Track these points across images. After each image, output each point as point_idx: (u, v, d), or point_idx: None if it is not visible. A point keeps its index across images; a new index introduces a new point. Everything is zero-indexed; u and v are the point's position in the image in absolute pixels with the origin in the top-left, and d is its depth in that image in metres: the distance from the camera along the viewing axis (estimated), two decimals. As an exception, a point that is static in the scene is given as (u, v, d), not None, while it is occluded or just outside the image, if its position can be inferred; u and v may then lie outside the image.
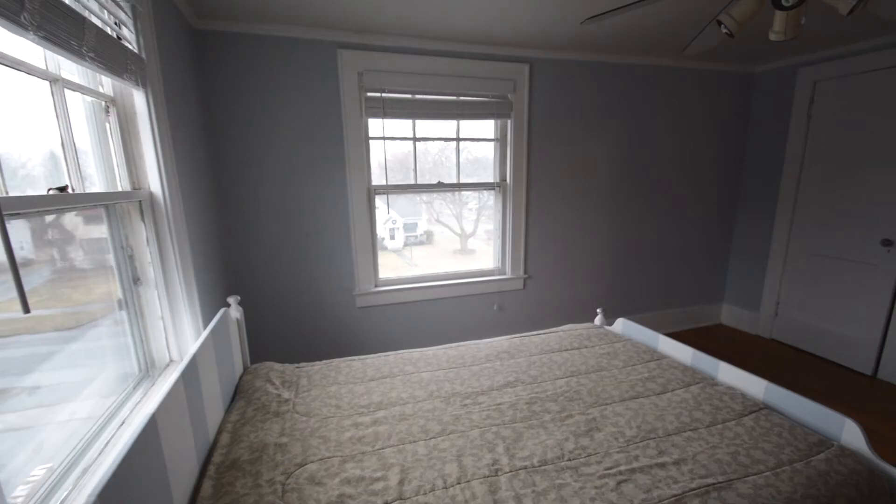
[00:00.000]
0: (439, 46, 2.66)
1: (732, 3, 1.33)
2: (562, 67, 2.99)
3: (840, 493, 1.18)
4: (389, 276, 3.00)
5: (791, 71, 3.25)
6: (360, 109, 2.57)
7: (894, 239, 2.75)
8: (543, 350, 2.13)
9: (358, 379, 1.84)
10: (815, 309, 3.25)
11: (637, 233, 3.55)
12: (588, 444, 1.36)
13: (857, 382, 2.89)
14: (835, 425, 1.43)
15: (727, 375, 1.80)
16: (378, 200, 2.82)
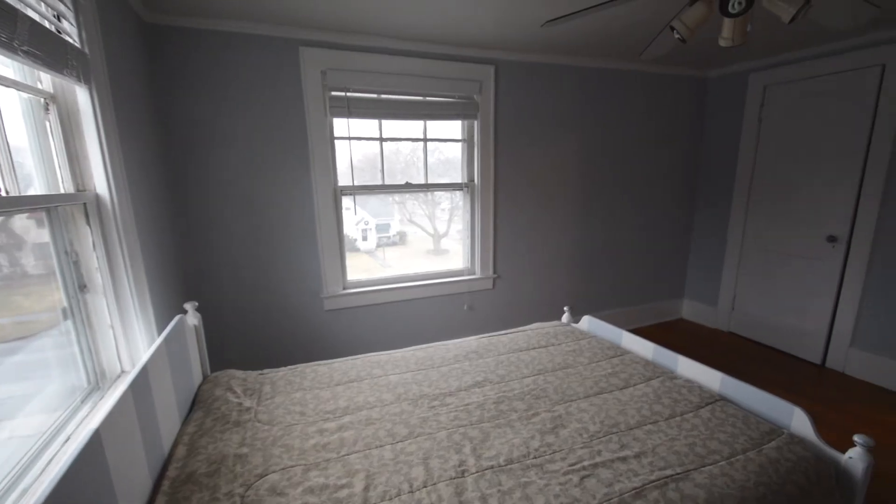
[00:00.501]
0: (405, 46, 2.64)
1: (684, 10, 1.38)
2: (526, 69, 3.03)
3: (790, 479, 1.24)
4: (360, 277, 2.96)
5: (743, 76, 3.41)
6: (324, 109, 2.52)
7: (838, 235, 2.93)
8: (511, 349, 2.14)
9: (324, 384, 1.80)
10: (769, 303, 3.42)
11: (603, 231, 3.64)
12: (553, 442, 1.38)
13: (807, 371, 3.05)
14: (785, 414, 1.50)
15: (686, 369, 1.87)
16: (348, 201, 2.77)
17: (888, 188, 2.67)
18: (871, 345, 2.85)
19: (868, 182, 2.75)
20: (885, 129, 2.63)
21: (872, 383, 2.84)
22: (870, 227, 2.76)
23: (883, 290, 2.76)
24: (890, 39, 2.57)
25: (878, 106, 2.66)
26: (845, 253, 2.90)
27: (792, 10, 1.21)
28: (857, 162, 2.79)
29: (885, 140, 2.64)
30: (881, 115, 2.65)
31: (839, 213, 2.91)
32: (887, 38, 2.58)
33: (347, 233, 3.16)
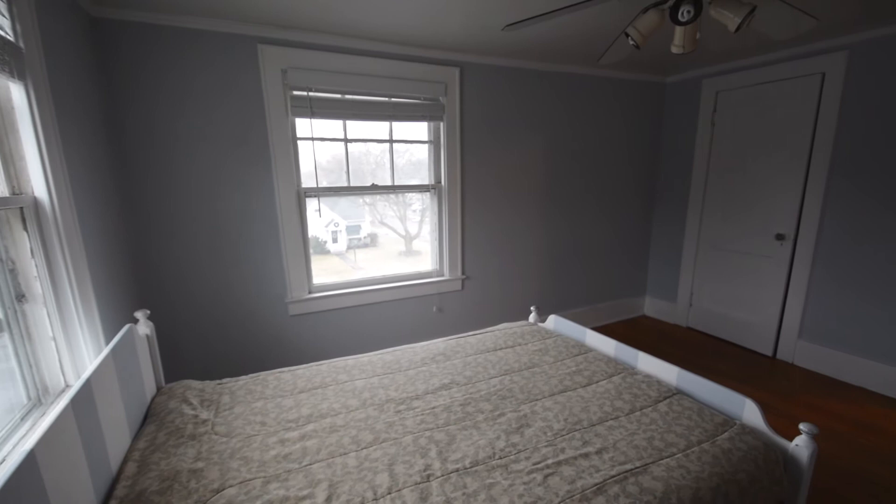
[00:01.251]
0: (369, 46, 2.61)
1: (638, 18, 1.42)
2: (492, 72, 3.06)
3: (741, 468, 1.29)
4: (326, 281, 2.90)
5: (697, 81, 3.56)
6: (285, 108, 2.46)
7: (786, 234, 3.10)
8: (479, 350, 2.15)
9: (287, 392, 1.75)
10: (723, 298, 3.58)
11: (568, 232, 3.71)
12: (518, 441, 1.39)
13: (760, 363, 3.21)
14: (737, 405, 1.57)
15: (645, 364, 1.92)
16: (316, 203, 2.71)
17: (829, 189, 2.85)
18: (816, 337, 3.03)
19: (811, 183, 2.92)
20: (825, 133, 2.81)
21: (819, 373, 3.02)
22: (813, 225, 2.94)
23: (825, 285, 2.94)
24: (828, 49, 2.75)
25: (819, 112, 2.84)
26: (792, 250, 3.08)
27: (737, 19, 1.27)
28: (801, 164, 2.96)
29: (826, 144, 2.81)
30: (822, 120, 2.82)
31: (786, 213, 3.08)
32: (826, 48, 2.76)
33: (317, 235, 3.10)
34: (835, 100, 2.74)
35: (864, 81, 2.63)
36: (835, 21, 2.41)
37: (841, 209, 2.81)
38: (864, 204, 2.70)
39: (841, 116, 2.74)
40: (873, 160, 2.64)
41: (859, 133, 2.68)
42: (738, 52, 3.03)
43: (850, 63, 2.67)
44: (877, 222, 2.66)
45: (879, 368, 2.71)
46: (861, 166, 2.69)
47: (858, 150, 2.70)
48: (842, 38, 2.68)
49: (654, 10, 1.37)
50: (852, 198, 2.75)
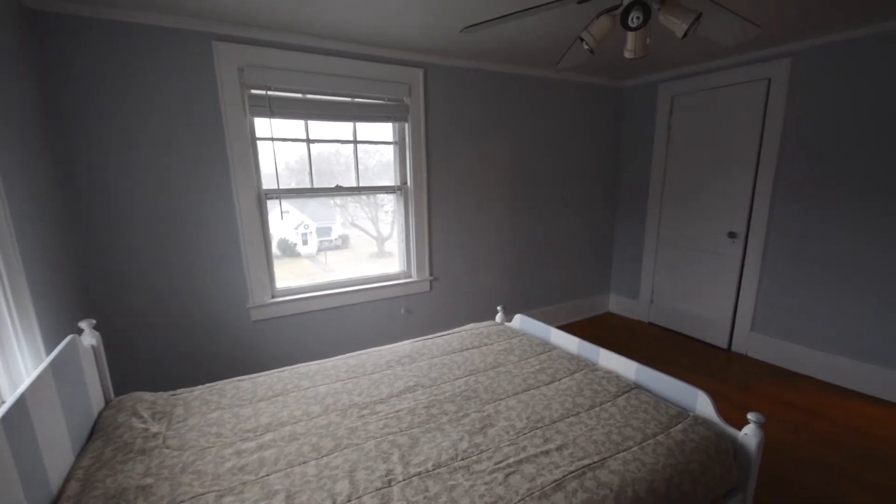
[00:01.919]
0: (329, 45, 2.57)
1: (591, 23, 1.46)
2: (456, 74, 3.07)
3: (694, 458, 1.34)
4: (291, 284, 2.83)
5: (653, 86, 3.69)
6: (243, 108, 2.39)
7: (737, 231, 3.25)
8: (445, 351, 2.15)
9: (245, 400, 1.70)
10: (682, 294, 3.73)
11: (535, 232, 3.77)
12: (481, 441, 1.40)
13: (716, 356, 3.35)
14: (691, 397, 1.63)
15: (606, 360, 1.97)
16: (279, 204, 2.64)
17: (776, 189, 3.01)
18: (767, 329, 3.19)
19: (760, 183, 3.08)
20: (772, 136, 2.97)
21: (770, 363, 3.18)
22: (762, 223, 3.10)
23: (774, 280, 3.10)
24: (773, 56, 2.90)
25: (766, 115, 2.99)
26: (743, 247, 3.23)
27: (684, 25, 1.32)
28: (750, 165, 3.11)
29: (773, 146, 2.97)
30: (768, 123, 2.98)
31: (737, 212, 3.23)
32: (771, 55, 2.91)
33: (286, 237, 3.02)
34: (780, 104, 2.90)
35: (805, 87, 2.79)
36: (779, 29, 2.55)
37: (787, 208, 2.97)
38: (808, 203, 2.87)
39: (786, 120, 2.90)
40: (815, 161, 2.81)
41: (802, 135, 2.84)
42: (691, 57, 3.15)
43: (793, 69, 2.83)
44: (819, 221, 2.83)
45: (825, 358, 2.88)
46: (804, 167, 2.86)
47: (802, 152, 2.86)
48: (786, 46, 2.83)
49: (606, 16, 1.40)
50: (797, 197, 2.92)
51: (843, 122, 2.66)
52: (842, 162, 2.69)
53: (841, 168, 2.70)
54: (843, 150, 2.68)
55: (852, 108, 2.62)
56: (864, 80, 2.55)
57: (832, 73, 2.67)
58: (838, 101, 2.67)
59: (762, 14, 2.28)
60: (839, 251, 2.76)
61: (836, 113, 2.69)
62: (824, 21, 2.43)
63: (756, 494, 1.84)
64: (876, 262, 2.61)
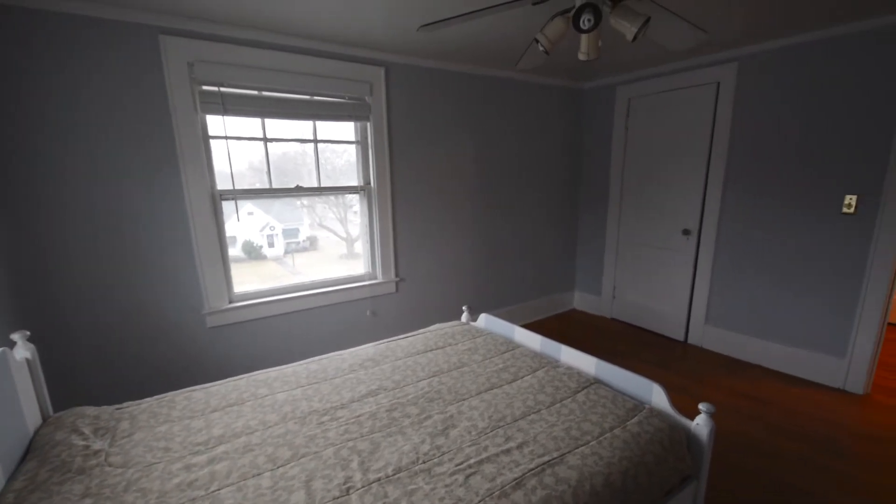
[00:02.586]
0: (286, 41, 2.49)
1: (546, 25, 1.47)
2: (418, 73, 3.05)
3: (648, 450, 1.38)
4: (251, 288, 2.73)
5: (611, 88, 3.80)
6: (193, 105, 2.28)
7: (691, 229, 3.39)
8: (409, 353, 2.13)
9: (198, 412, 1.62)
10: (641, 290, 3.85)
11: (500, 231, 3.80)
12: (443, 443, 1.39)
13: (673, 348, 3.49)
14: (646, 390, 1.68)
15: (568, 357, 2.01)
16: (252, 206, 2.55)
17: (726, 187, 3.16)
18: (720, 321, 3.34)
19: (711, 183, 3.22)
20: (721, 137, 3.11)
21: (724, 354, 3.33)
22: (714, 221, 3.24)
23: (725, 275, 3.25)
24: (722, 61, 3.04)
25: (715, 118, 3.13)
26: (697, 244, 3.37)
27: (633, 28, 1.36)
28: (702, 165, 3.25)
29: (722, 147, 3.12)
30: (718, 125, 3.12)
31: (690, 210, 3.37)
32: (720, 59, 3.05)
33: (251, 239, 2.92)
34: (728, 106, 3.04)
35: (750, 90, 2.94)
36: (726, 35, 2.67)
37: (736, 206, 3.12)
38: (755, 201, 3.02)
39: (733, 121, 3.05)
40: (760, 161, 2.96)
41: (748, 136, 2.99)
42: (646, 61, 3.26)
43: (739, 73, 2.97)
44: (766, 218, 2.99)
45: (774, 348, 3.05)
46: (751, 167, 3.01)
47: (748, 152, 3.01)
48: (733, 51, 2.97)
49: (559, 18, 1.42)
50: (745, 195, 3.07)
51: (785, 123, 2.82)
52: (782, 161, 2.85)
53: (781, 167, 2.86)
54: (784, 149, 2.84)
55: (792, 109, 2.78)
56: (803, 82, 2.71)
57: (774, 76, 2.83)
58: (779, 103, 2.83)
59: (710, 20, 2.38)
60: (781, 246, 2.92)
61: (778, 114, 2.84)
62: (767, 28, 2.56)
63: (710, 482, 1.93)
64: (813, 257, 2.78)
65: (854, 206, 2.58)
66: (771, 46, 2.80)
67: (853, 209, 2.59)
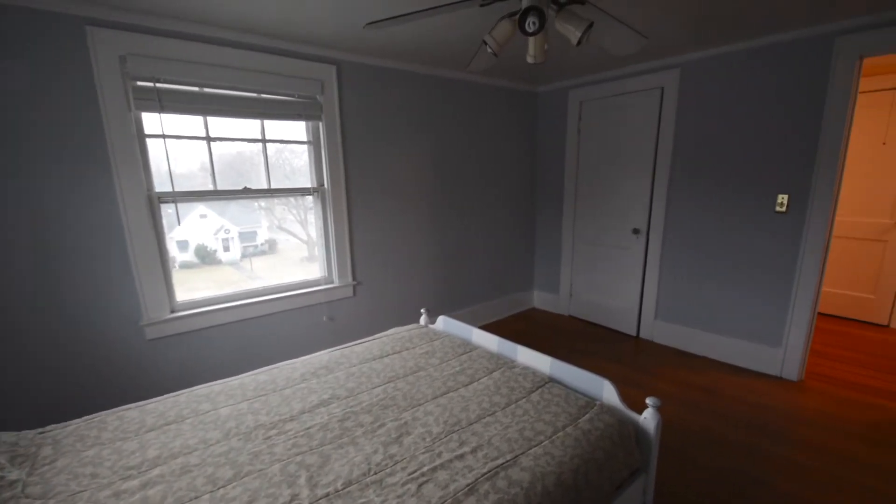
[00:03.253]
0: (231, 36, 2.37)
1: (494, 27, 1.47)
2: (372, 72, 2.99)
3: (598, 446, 1.40)
4: (198, 296, 2.58)
5: (564, 92, 3.89)
6: (126, 101, 2.12)
7: (640, 228, 3.52)
8: (365, 359, 2.07)
9: (131, 433, 1.50)
10: (595, 288, 3.97)
11: (459, 231, 3.80)
12: (396, 452, 1.35)
13: (626, 343, 3.61)
14: (598, 386, 1.72)
15: (524, 357, 2.02)
16: (204, 208, 2.40)
17: (671, 188, 3.30)
18: (668, 316, 3.49)
19: (657, 183, 3.36)
20: (666, 139, 3.25)
21: (673, 347, 3.48)
22: (660, 220, 3.38)
23: (672, 271, 3.40)
24: (666, 67, 3.18)
25: (660, 121, 3.27)
26: (645, 242, 3.51)
27: (577, 32, 1.38)
28: (648, 167, 3.39)
29: (667, 149, 3.26)
30: (663, 128, 3.26)
31: (639, 210, 3.50)
32: (664, 65, 3.19)
33: (204, 243, 2.77)
34: (672, 111, 3.18)
35: (692, 95, 3.09)
36: (669, 43, 2.79)
37: (680, 205, 3.27)
38: (698, 201, 3.18)
39: (677, 125, 3.19)
40: (702, 163, 3.12)
41: (691, 139, 3.14)
42: (596, 66, 3.36)
43: (682, 79, 3.12)
44: (708, 217, 3.14)
45: (718, 340, 3.21)
46: (693, 168, 3.16)
47: (691, 154, 3.16)
48: (676, 58, 3.11)
49: (506, 20, 1.43)
50: (687, 195, 3.22)
51: (723, 127, 2.98)
52: (722, 163, 3.01)
53: (721, 168, 3.02)
54: (723, 151, 3.00)
55: (729, 113, 2.94)
56: (738, 89, 2.88)
57: (713, 82, 2.98)
58: (718, 108, 2.98)
59: (652, 28, 2.48)
60: (722, 244, 3.09)
61: (716, 118, 3.00)
62: (706, 37, 2.70)
63: (660, 473, 2.00)
64: (751, 253, 2.96)
65: (786, 205, 2.76)
66: (710, 54, 2.95)
67: (785, 208, 2.77)
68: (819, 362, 3.13)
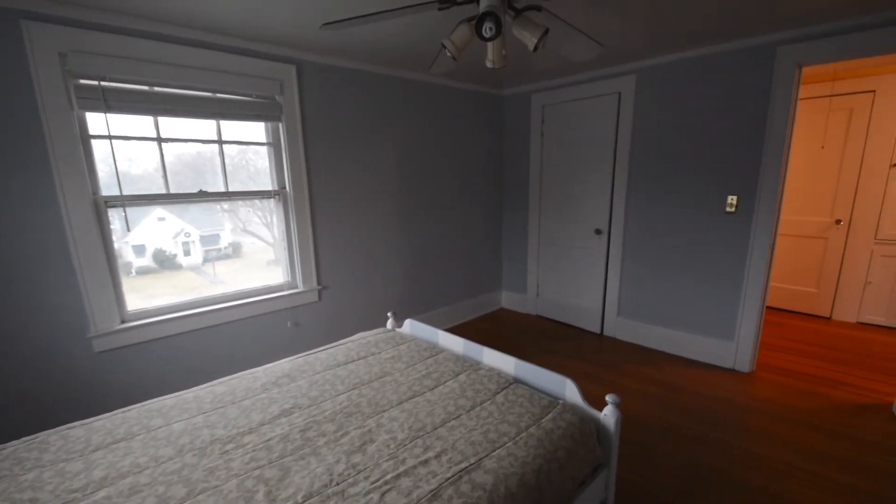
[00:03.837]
0: (181, 33, 2.27)
1: (453, 31, 1.48)
2: (335, 73, 2.94)
3: (560, 445, 1.42)
4: (152, 304, 2.45)
5: (527, 96, 3.96)
6: (68, 100, 2.00)
7: (602, 228, 3.62)
8: (329, 366, 2.03)
9: (75, 453, 1.41)
10: (561, 287, 4.05)
11: (427, 233, 3.79)
12: (359, 461, 1.33)
13: (591, 341, 3.70)
14: (561, 385, 1.75)
15: (489, 358, 2.03)
16: (163, 211, 2.28)
17: (629, 190, 3.41)
18: (630, 313, 3.60)
19: (617, 184, 3.46)
20: (624, 144, 3.36)
21: (635, 343, 3.59)
22: (621, 221, 3.49)
23: (633, 270, 3.51)
24: (622, 73, 3.29)
25: (618, 125, 3.38)
26: (607, 242, 3.61)
27: (534, 39, 1.40)
28: (608, 169, 3.49)
29: (624, 152, 3.37)
30: (621, 131, 3.37)
31: (600, 211, 3.60)
32: (621, 71, 3.29)
33: (163, 248, 2.64)
34: (629, 115, 3.29)
35: (647, 100, 3.21)
36: (624, 49, 2.88)
37: (639, 207, 3.39)
38: (655, 202, 3.30)
39: (634, 129, 3.30)
40: (658, 165, 3.24)
41: (647, 142, 3.26)
42: (556, 71, 3.43)
43: (637, 85, 3.23)
44: (665, 217, 3.27)
45: (676, 335, 3.34)
46: (650, 170, 3.28)
47: (647, 157, 3.28)
48: (632, 64, 3.22)
49: (465, 24, 1.43)
50: (646, 197, 3.34)
51: (676, 130, 3.11)
52: (676, 165, 3.14)
53: (676, 170, 3.15)
54: (677, 154, 3.13)
55: (682, 118, 3.06)
56: (690, 94, 3.00)
57: (666, 88, 3.10)
58: (671, 112, 3.11)
59: (608, 36, 2.55)
60: (678, 243, 3.22)
61: (670, 122, 3.12)
62: (659, 44, 2.80)
63: (623, 467, 2.06)
64: (705, 251, 3.10)
65: (735, 205, 2.91)
66: (663, 61, 3.07)
67: (735, 208, 2.92)
68: (768, 354, 3.31)
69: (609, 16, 2.22)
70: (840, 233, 3.90)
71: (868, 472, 2.03)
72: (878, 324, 3.84)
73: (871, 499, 1.87)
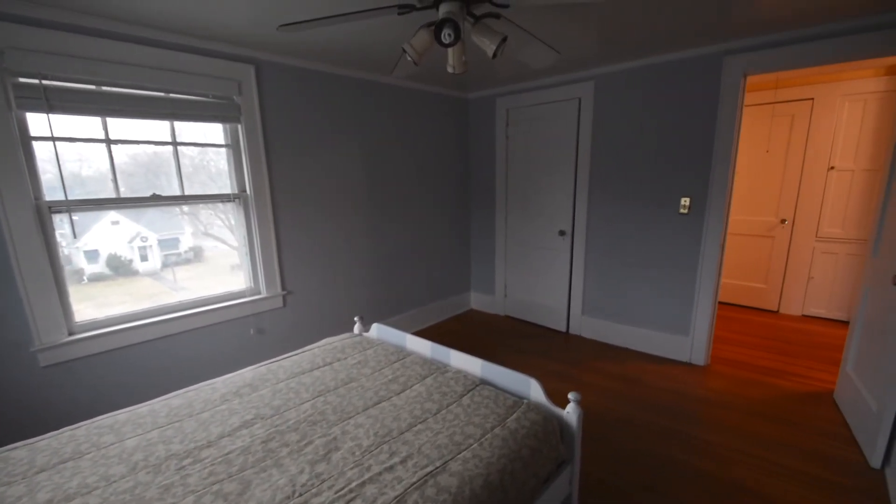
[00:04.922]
0: (129, 30, 2.17)
1: (414, 36, 1.48)
2: (296, 74, 2.89)
3: (524, 444, 1.45)
4: (101, 314, 2.33)
5: (492, 99, 4.01)
6: (6, 100, 1.87)
7: (566, 230, 3.71)
8: (293, 374, 1.99)
9: (18, 475, 1.33)
10: (527, 287, 4.12)
11: (394, 236, 3.77)
12: (323, 470, 1.31)
13: (558, 340, 3.78)
14: (525, 385, 1.78)
15: (456, 360, 2.05)
16: (117, 214, 2.16)
17: (591, 192, 3.52)
18: (594, 311, 3.71)
19: (579, 188, 3.56)
20: (585, 148, 3.46)
21: (599, 341, 3.70)
22: (583, 222, 3.59)
23: (595, 270, 3.62)
24: (582, 79, 3.38)
25: (579, 130, 3.47)
26: (571, 243, 3.71)
27: (493, 45, 1.42)
28: (570, 172, 3.59)
29: (585, 155, 3.47)
30: (581, 135, 3.47)
31: (564, 213, 3.70)
32: (581, 77, 3.39)
33: (118, 253, 2.50)
34: (588, 120, 3.40)
35: (605, 106, 3.32)
36: (582, 56, 2.97)
37: (600, 208, 3.50)
38: (615, 204, 3.41)
39: (594, 133, 3.41)
40: (617, 168, 3.35)
41: (607, 146, 3.37)
42: (518, 76, 3.50)
43: (596, 91, 3.33)
44: (624, 218, 3.39)
45: (637, 332, 3.47)
46: (609, 173, 3.39)
47: (607, 160, 3.39)
48: (591, 71, 3.32)
49: (424, 30, 1.44)
50: (606, 199, 3.45)
51: (633, 135, 3.23)
52: (633, 168, 3.26)
53: (633, 173, 3.27)
54: (634, 157, 3.25)
55: (638, 122, 3.19)
56: (645, 100, 3.13)
57: (623, 94, 3.22)
58: (628, 117, 3.23)
59: (565, 43, 2.62)
60: (637, 243, 3.35)
61: (627, 127, 3.24)
62: (613, 52, 2.90)
63: (584, 461, 2.12)
64: (661, 251, 3.23)
65: (688, 207, 3.05)
66: (619, 68, 3.19)
67: (688, 209, 3.06)
68: (722, 347, 3.48)
69: (566, 23, 2.28)
70: (785, 231, 4.16)
71: (811, 456, 2.17)
72: (821, 316, 4.11)
73: (817, 482, 2.00)
